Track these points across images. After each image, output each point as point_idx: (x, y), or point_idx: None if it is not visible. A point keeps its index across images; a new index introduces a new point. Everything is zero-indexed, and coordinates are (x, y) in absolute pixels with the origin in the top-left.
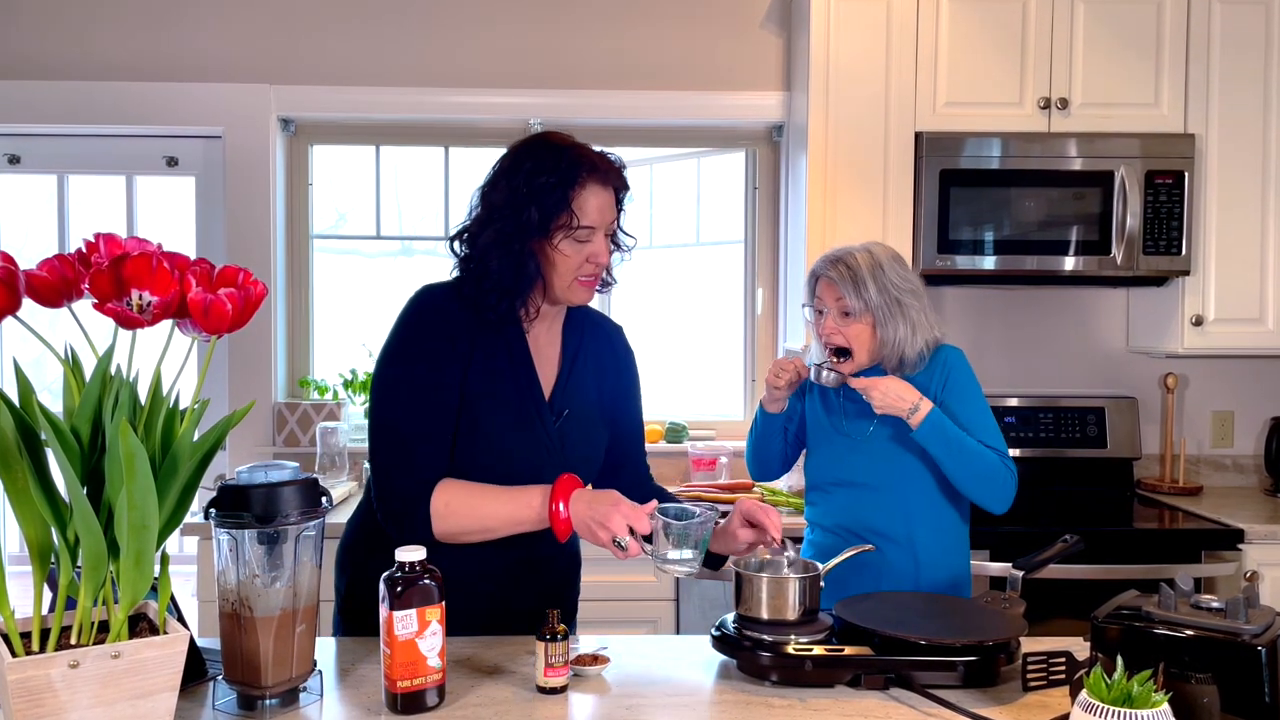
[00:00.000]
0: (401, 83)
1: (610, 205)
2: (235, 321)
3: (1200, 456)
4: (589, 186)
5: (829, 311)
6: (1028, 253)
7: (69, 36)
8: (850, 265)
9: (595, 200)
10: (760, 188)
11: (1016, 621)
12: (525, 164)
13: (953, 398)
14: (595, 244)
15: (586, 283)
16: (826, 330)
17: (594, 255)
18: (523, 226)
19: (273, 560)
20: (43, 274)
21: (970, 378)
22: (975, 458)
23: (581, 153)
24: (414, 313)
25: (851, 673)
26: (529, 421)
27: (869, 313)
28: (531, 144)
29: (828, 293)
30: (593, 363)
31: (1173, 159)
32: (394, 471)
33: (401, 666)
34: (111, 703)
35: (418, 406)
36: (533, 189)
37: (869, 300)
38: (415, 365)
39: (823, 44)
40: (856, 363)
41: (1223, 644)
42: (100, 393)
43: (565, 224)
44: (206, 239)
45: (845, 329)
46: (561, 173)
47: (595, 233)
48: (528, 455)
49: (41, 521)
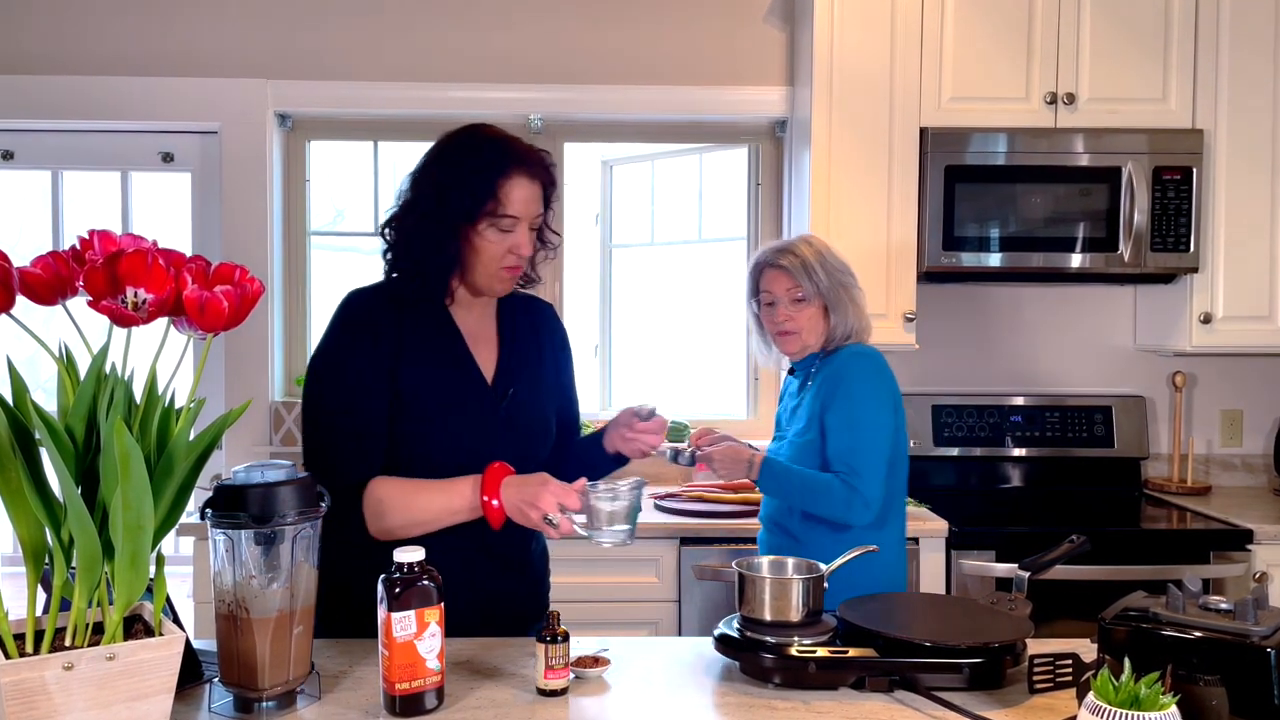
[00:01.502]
0: (400, 77)
1: (536, 199)
2: (231, 319)
3: (1209, 456)
4: (515, 178)
5: (780, 301)
6: (1034, 250)
7: (64, 31)
8: (798, 254)
9: (521, 192)
10: (763, 184)
11: (1023, 623)
12: (455, 152)
13: (829, 408)
14: (518, 235)
15: (508, 272)
16: (780, 318)
17: (516, 246)
18: (449, 212)
19: (270, 561)
20: (37, 271)
21: (855, 390)
22: (809, 490)
23: (511, 144)
24: (338, 317)
25: (855, 675)
26: (472, 405)
27: (820, 297)
28: (463, 134)
29: (777, 283)
30: (532, 341)
31: (1180, 155)
32: (327, 471)
33: (400, 668)
34: (106, 705)
35: (344, 409)
36: (461, 175)
37: (820, 285)
38: (340, 369)
39: (826, 38)
40: (804, 345)
41: (1232, 646)
42: (95, 391)
43: (490, 211)
44: (202, 236)
45: (797, 315)
46: (489, 161)
47: (519, 224)
48: (477, 439)
49: (36, 522)
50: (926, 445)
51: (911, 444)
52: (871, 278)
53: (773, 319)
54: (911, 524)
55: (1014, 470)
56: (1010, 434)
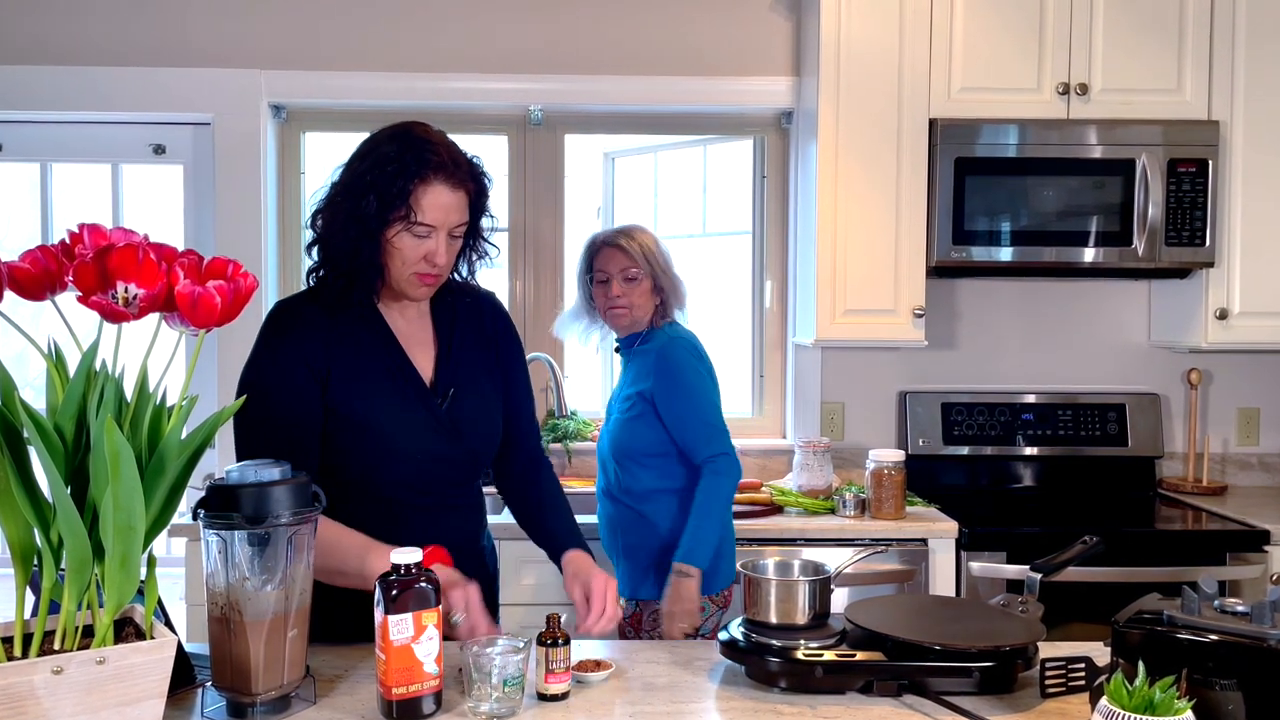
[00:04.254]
0: (397, 68)
1: (457, 207)
2: (225, 315)
3: (1225, 455)
4: (434, 185)
5: (614, 278)
6: (1046, 244)
7: (53, 20)
8: (633, 235)
9: (438, 199)
10: (769, 176)
11: (1034, 626)
12: (375, 151)
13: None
14: (433, 243)
15: (420, 279)
16: (614, 293)
17: (431, 255)
18: (361, 213)
19: (263, 562)
20: (25, 266)
21: (683, 376)
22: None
23: (435, 148)
24: (265, 329)
25: (863, 679)
26: (411, 406)
27: (650, 276)
28: (391, 132)
29: (612, 261)
30: (473, 336)
31: (1196, 147)
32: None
33: (397, 673)
34: (96, 710)
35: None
36: (375, 178)
37: (654, 263)
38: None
39: (834, 27)
40: (634, 320)
41: (1248, 649)
42: (85, 389)
43: (403, 217)
44: (195, 229)
45: (630, 292)
46: (406, 165)
47: (435, 232)
48: (419, 442)
49: (24, 522)
50: (936, 444)
51: (920, 443)
52: (879, 272)
53: (606, 294)
54: (921, 524)
55: (1025, 470)
56: (1021, 432)
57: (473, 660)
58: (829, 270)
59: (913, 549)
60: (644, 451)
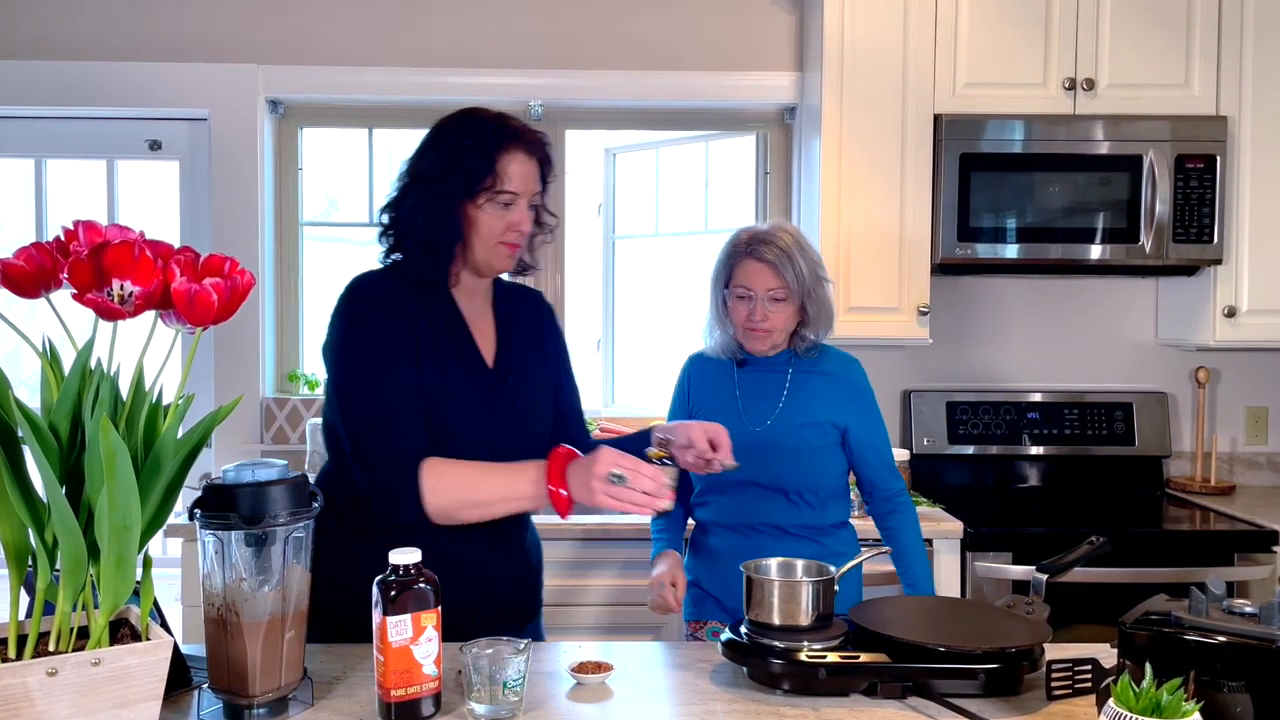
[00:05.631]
0: (396, 62)
1: (534, 176)
2: (221, 313)
3: (1233, 454)
4: (513, 153)
5: (758, 297)
6: (1052, 241)
7: (47, 14)
8: (782, 246)
9: (519, 167)
10: (771, 172)
11: (1040, 627)
12: (453, 131)
13: (860, 422)
14: (518, 211)
15: (508, 248)
16: (758, 317)
17: (516, 223)
18: (448, 189)
19: (260, 563)
20: (19, 263)
21: (874, 397)
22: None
23: (507, 121)
24: (356, 297)
25: (867, 681)
26: (476, 391)
27: (799, 295)
28: (458, 115)
29: (757, 277)
30: (527, 330)
31: (1204, 142)
32: (378, 447)
33: (395, 674)
34: (92, 712)
35: (388, 381)
36: (459, 153)
37: (803, 280)
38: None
39: (837, 21)
40: (774, 344)
41: (1257, 651)
42: (80, 388)
43: (489, 186)
44: (191, 226)
45: (774, 314)
46: (487, 138)
47: (518, 199)
48: (481, 425)
49: (18, 522)
50: (940, 443)
51: (925, 442)
52: (884, 270)
53: (747, 314)
54: (925, 524)
55: (1031, 469)
56: (1027, 431)
57: (472, 662)
58: (832, 268)
59: None
60: (836, 484)
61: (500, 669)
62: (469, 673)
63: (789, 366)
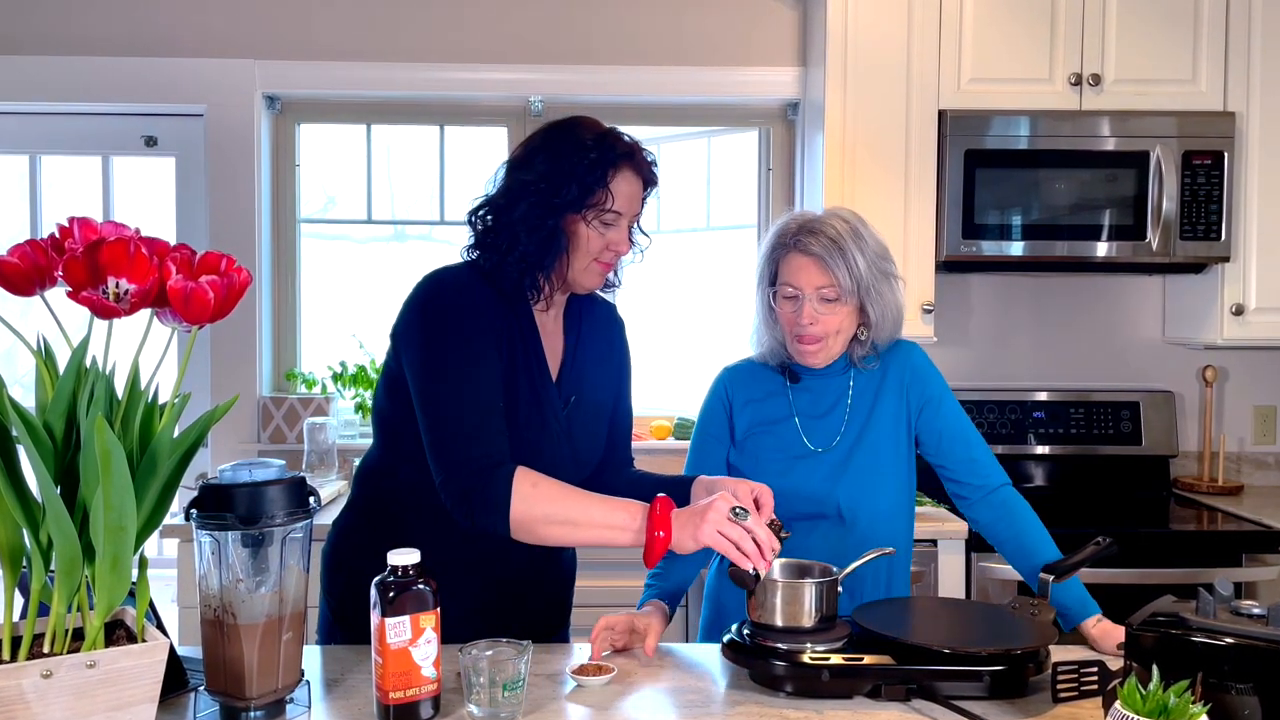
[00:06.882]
0: (394, 58)
1: (639, 198)
2: (218, 311)
3: (1241, 454)
4: (625, 172)
5: (806, 297)
6: (1058, 238)
7: (42, 8)
8: (832, 235)
9: (628, 187)
10: (774, 169)
11: (1046, 629)
12: (566, 141)
13: (936, 412)
14: (619, 231)
15: (602, 267)
16: (805, 319)
17: (615, 243)
18: (559, 201)
19: (257, 564)
20: (13, 260)
21: (944, 381)
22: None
23: (621, 138)
24: (444, 292)
25: (871, 683)
26: (540, 407)
27: (854, 294)
28: (571, 123)
29: (804, 274)
30: (594, 350)
31: (1211, 139)
32: (465, 443)
33: (394, 676)
34: (87, 715)
35: (476, 383)
36: (574, 165)
37: (859, 276)
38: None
39: (841, 16)
40: (829, 355)
41: (1265, 653)
42: (75, 386)
43: (599, 203)
44: (187, 223)
45: (826, 316)
46: (603, 153)
47: (621, 219)
48: (538, 443)
49: (13, 523)
50: None
51: None
52: None
53: (794, 318)
54: (930, 525)
55: (1037, 469)
56: (1033, 431)
57: (471, 664)
58: None
59: (921, 550)
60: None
61: (500, 671)
62: (468, 675)
63: (849, 372)
